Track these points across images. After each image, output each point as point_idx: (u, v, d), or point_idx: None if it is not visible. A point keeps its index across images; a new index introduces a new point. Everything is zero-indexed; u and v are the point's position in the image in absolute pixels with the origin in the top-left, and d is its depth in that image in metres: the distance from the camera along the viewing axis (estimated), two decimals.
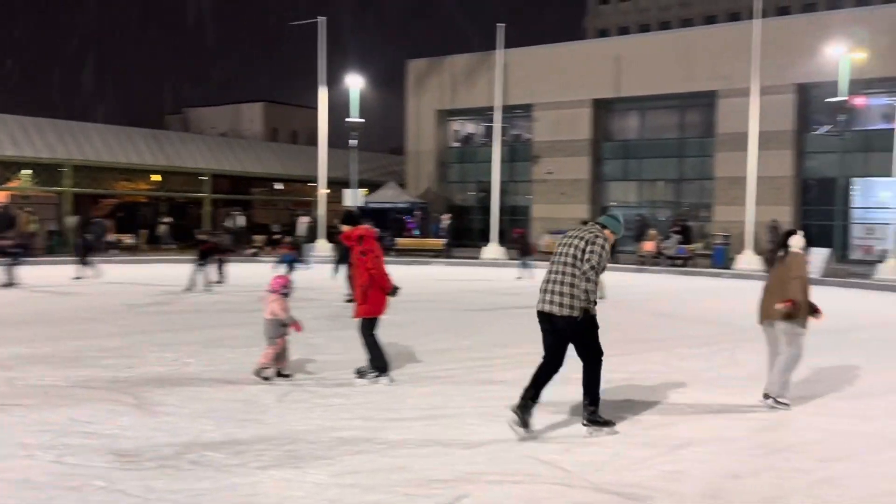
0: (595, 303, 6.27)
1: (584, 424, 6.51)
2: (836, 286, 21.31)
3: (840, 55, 25.72)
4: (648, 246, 27.94)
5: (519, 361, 9.51)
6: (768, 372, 7.58)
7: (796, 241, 7.59)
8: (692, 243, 29.47)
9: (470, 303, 16.17)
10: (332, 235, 27.68)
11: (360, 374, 8.36)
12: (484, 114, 37.79)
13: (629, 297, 18.00)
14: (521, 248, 23.22)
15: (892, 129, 24.79)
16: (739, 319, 13.88)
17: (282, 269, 17.06)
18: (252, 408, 7.22)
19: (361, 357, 9.33)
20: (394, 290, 8.28)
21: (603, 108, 36.79)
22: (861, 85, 28.05)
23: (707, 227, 33.26)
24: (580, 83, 35.68)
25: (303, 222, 28.25)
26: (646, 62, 34.29)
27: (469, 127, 42.45)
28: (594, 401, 6.50)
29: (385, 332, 8.52)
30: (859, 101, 27.63)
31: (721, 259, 27.26)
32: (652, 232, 28.88)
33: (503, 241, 31.49)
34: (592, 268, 6.10)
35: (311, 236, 28.22)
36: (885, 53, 26.09)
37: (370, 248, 8.14)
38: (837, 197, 26.21)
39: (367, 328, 8.23)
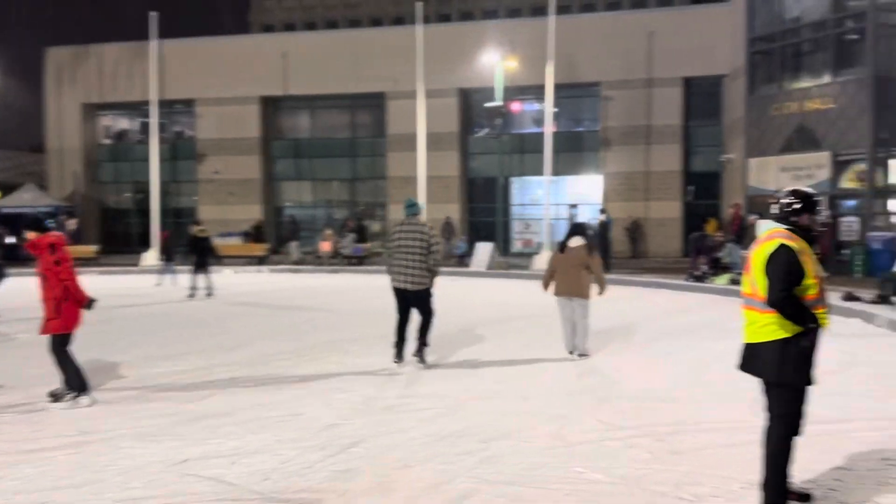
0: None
1: (419, 360, 9.13)
2: (499, 277, 23.02)
3: (495, 62, 27.82)
4: (325, 246, 28.09)
5: (179, 375, 8.89)
6: (563, 334, 9.69)
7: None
8: (368, 242, 30.11)
9: (123, 315, 14.56)
10: None
11: (55, 396, 7.40)
12: (140, 108, 35.15)
13: (318, 298, 17.90)
14: (165, 252, 21.61)
15: (542, 133, 27.25)
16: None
17: None
18: None
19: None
20: (89, 303, 7.60)
21: (272, 106, 36.38)
22: (515, 91, 30.61)
23: (383, 225, 34.26)
24: (246, 79, 34.93)
25: None
26: (315, 61, 34.49)
27: (123, 122, 39.53)
28: (426, 343, 9.20)
29: (26, 354, 7.46)
30: (514, 106, 30.18)
31: None
32: (328, 232, 29.11)
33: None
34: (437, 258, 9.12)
35: None
36: (534, 62, 28.56)
37: (64, 257, 7.44)
38: (498, 194, 28.48)
39: (59, 345, 7.43)
